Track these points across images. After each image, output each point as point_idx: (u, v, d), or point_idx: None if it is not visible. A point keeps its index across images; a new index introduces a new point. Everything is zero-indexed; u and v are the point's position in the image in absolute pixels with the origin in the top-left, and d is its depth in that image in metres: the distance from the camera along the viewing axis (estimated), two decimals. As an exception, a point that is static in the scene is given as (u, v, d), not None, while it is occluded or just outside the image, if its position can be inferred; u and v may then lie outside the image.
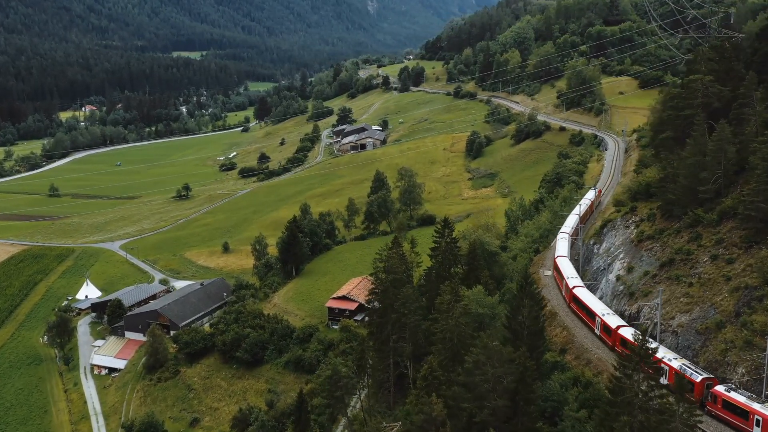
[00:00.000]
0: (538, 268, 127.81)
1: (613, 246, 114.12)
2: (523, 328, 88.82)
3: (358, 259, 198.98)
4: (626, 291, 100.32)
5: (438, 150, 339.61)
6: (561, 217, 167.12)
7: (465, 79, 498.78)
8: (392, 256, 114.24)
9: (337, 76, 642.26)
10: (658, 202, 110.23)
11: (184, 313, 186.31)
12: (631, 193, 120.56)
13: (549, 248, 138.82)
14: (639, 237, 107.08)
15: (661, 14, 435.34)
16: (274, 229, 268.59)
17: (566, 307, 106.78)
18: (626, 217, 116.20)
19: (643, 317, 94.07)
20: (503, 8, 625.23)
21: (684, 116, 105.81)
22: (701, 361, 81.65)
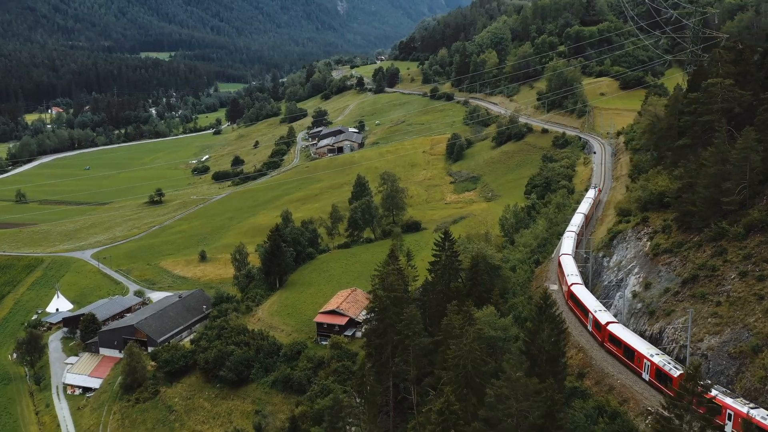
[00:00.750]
0: (542, 282, 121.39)
1: (624, 259, 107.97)
2: (542, 353, 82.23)
3: (344, 268, 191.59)
4: (645, 309, 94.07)
5: (418, 153, 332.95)
6: (555, 224, 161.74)
7: (441, 80, 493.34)
8: (391, 272, 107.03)
9: (309, 77, 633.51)
10: (672, 213, 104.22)
11: (163, 327, 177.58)
12: (640, 202, 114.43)
13: (550, 259, 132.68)
14: (654, 250, 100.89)
15: (638, 14, 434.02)
16: (252, 235, 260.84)
17: (564, 303, 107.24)
18: (637, 229, 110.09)
19: (666, 338, 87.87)
20: (477, 8, 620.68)
21: (703, 122, 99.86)
22: (738, 389, 75.44)
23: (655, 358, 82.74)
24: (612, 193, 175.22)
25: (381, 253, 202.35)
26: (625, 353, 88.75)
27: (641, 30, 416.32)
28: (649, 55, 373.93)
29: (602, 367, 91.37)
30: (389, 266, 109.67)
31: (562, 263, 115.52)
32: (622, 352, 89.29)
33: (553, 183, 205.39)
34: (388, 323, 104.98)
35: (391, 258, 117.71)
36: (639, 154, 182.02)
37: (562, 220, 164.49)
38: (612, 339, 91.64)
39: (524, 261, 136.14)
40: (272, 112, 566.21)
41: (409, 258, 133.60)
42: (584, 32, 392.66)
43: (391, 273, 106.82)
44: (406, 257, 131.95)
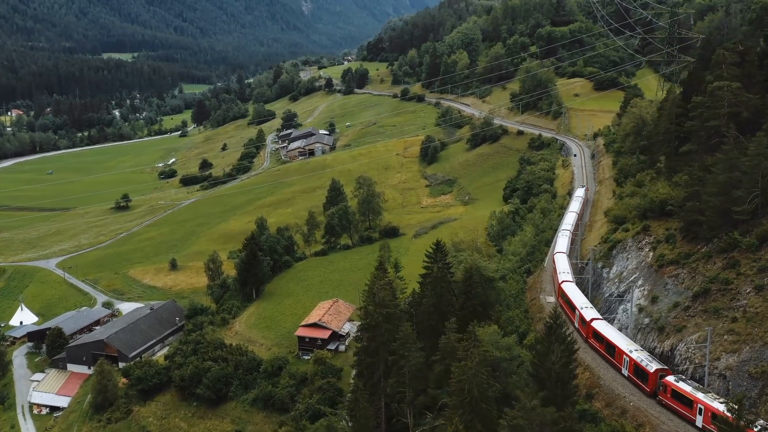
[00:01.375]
0: (536, 293, 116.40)
1: (625, 270, 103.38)
2: (551, 375, 77.10)
3: (322, 277, 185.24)
4: (654, 325, 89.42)
5: (391, 155, 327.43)
6: (542, 231, 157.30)
7: (411, 81, 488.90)
8: (382, 287, 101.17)
9: (277, 78, 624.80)
10: (676, 222, 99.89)
11: (134, 342, 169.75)
12: (639, 210, 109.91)
13: (542, 269, 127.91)
14: (659, 261, 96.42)
15: (608, 15, 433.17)
16: (224, 242, 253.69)
17: (555, 300, 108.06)
18: (638, 238, 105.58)
19: (679, 356, 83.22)
20: (445, 9, 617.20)
21: (709, 127, 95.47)
22: (762, 412, 70.81)
23: (633, 354, 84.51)
24: (597, 197, 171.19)
25: (359, 261, 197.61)
26: (606, 349, 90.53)
27: (612, 31, 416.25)
28: (621, 55, 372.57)
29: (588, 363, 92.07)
30: (380, 280, 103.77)
31: (556, 261, 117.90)
32: (604, 348, 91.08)
33: (535, 187, 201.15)
34: (380, 341, 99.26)
35: (379, 270, 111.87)
36: (624, 157, 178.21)
37: (549, 226, 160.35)
38: (595, 335, 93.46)
39: (514, 270, 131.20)
40: (239, 113, 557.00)
41: (396, 269, 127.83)
42: (556, 33, 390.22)
43: (382, 288, 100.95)
44: (393, 268, 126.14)
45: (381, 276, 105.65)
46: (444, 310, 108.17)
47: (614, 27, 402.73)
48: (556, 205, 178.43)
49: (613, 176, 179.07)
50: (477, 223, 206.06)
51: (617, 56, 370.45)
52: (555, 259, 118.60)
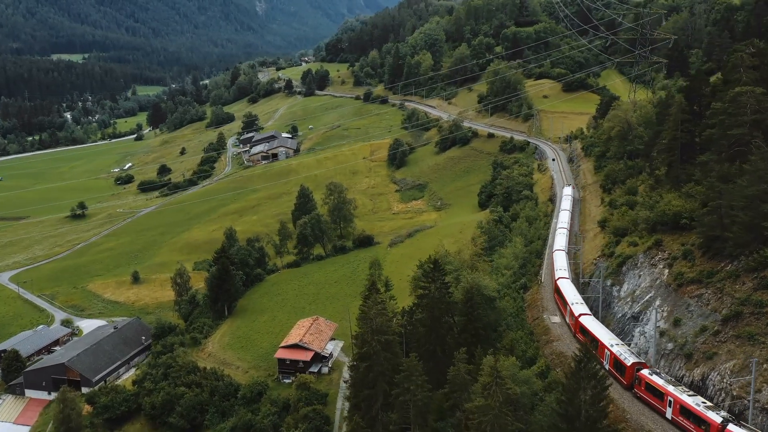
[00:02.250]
0: (539, 312, 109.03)
1: (638, 289, 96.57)
2: (581, 413, 69.70)
3: (297, 291, 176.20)
4: (679, 351, 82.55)
5: (358, 159, 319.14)
6: (531, 240, 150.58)
7: (373, 82, 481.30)
8: (379, 312, 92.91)
9: (235, 80, 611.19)
10: (693, 237, 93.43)
11: (98, 364, 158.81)
12: (648, 222, 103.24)
13: (540, 284, 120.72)
14: (678, 280, 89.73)
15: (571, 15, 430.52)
16: (188, 252, 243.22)
17: (551, 296, 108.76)
18: (650, 253, 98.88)
19: (712, 387, 76.40)
20: (405, 9, 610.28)
21: (732, 136, 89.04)
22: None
23: (614, 348, 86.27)
24: (584, 205, 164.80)
25: (334, 272, 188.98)
26: (591, 344, 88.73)
27: (575, 31, 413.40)
28: (586, 56, 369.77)
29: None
30: (375, 303, 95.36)
31: (554, 258, 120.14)
32: (589, 342, 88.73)
33: (515, 193, 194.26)
34: (378, 371, 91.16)
35: (372, 291, 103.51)
36: (609, 162, 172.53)
37: (537, 236, 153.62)
38: (582, 330, 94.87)
39: (509, 286, 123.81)
40: (197, 116, 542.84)
41: (387, 288, 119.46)
42: (521, 33, 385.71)
43: (379, 313, 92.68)
44: (384, 287, 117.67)
45: (375, 299, 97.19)
46: (442, 334, 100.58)
47: (578, 28, 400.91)
48: (540, 213, 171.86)
49: (598, 182, 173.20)
50: (454, 230, 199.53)
51: (582, 57, 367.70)
52: (554, 256, 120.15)
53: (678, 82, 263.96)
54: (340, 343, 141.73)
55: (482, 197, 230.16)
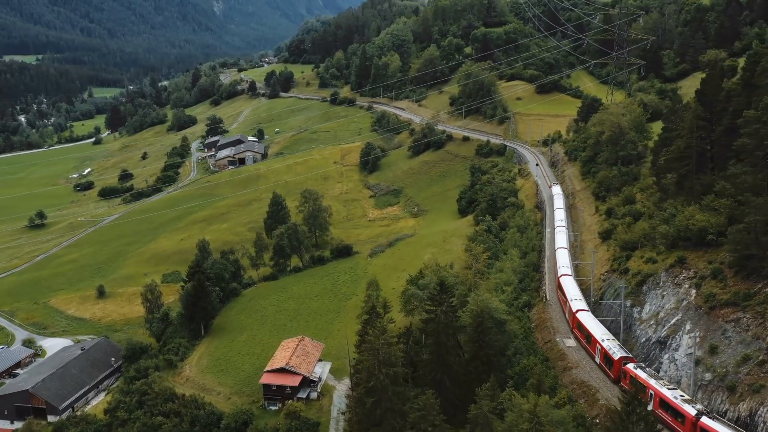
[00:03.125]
0: (549, 334, 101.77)
1: (662, 310, 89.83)
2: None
3: (276, 306, 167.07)
4: (720, 382, 75.80)
5: (328, 163, 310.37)
6: (526, 251, 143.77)
7: (339, 84, 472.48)
8: (387, 342, 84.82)
9: (196, 82, 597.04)
10: (721, 253, 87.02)
11: (64, 390, 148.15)
12: (668, 238, 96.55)
13: (546, 302, 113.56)
14: (709, 302, 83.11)
15: (537, 16, 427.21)
16: (156, 264, 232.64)
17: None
18: (673, 272, 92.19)
19: (763, 425, 69.67)
20: (369, 9, 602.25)
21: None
22: None
23: (604, 343, 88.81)
24: (575, 212, 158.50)
25: (314, 285, 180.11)
26: (585, 339, 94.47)
27: (542, 32, 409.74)
28: (555, 57, 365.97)
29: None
30: (381, 333, 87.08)
31: (557, 256, 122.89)
32: (584, 337, 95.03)
33: (499, 200, 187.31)
34: (387, 407, 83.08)
35: (372, 315, 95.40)
36: (599, 168, 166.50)
37: (531, 247, 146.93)
38: (578, 325, 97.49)
39: (510, 303, 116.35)
40: (158, 119, 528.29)
41: (386, 310, 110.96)
42: (492, 34, 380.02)
43: (386, 343, 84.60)
44: (383, 309, 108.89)
45: (381, 327, 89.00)
46: (450, 362, 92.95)
47: (551, 30, 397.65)
48: (530, 221, 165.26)
49: (589, 188, 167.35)
50: (436, 239, 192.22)
51: (552, 58, 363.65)
52: (556, 254, 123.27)
53: (655, 84, 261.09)
54: (328, 364, 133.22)
55: (462, 203, 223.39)
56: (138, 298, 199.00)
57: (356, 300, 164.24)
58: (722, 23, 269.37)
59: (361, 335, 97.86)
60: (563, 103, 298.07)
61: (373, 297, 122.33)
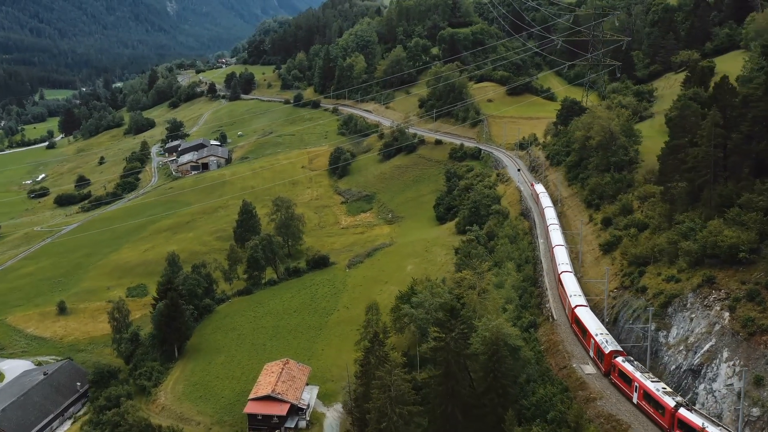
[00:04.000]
0: (564, 359, 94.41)
1: (692, 335, 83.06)
2: None
3: (253, 324, 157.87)
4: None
5: (296, 168, 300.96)
6: (522, 264, 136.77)
7: (302, 85, 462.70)
8: (399, 379, 76.72)
9: (153, 84, 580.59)
10: (755, 273, 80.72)
11: (27, 420, 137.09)
12: (693, 255, 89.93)
13: (554, 323, 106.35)
14: (748, 327, 76.55)
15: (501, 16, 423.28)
16: (119, 276, 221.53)
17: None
18: (701, 292, 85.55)
19: (826, 467, 63.11)
20: (329, 9, 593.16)
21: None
22: None
23: (597, 337, 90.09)
24: (565, 220, 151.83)
25: (291, 300, 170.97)
26: (582, 333, 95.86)
27: (507, 33, 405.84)
28: (523, 58, 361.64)
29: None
30: (393, 368, 78.86)
31: (556, 253, 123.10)
32: (581, 332, 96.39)
33: (482, 207, 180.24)
34: (402, 450, 75.03)
35: (375, 344, 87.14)
36: (590, 174, 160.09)
37: (524, 259, 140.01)
38: (576, 320, 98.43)
39: (513, 323, 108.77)
40: (114, 122, 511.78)
41: (386, 334, 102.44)
42: (459, 35, 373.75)
43: (397, 379, 76.51)
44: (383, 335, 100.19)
45: (386, 357, 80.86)
46: (460, 393, 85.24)
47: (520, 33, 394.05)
48: (519, 230, 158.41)
49: (577, 195, 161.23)
50: (417, 248, 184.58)
51: (519, 59, 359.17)
52: (554, 251, 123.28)
53: (629, 85, 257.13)
54: (315, 389, 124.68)
55: (440, 210, 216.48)
56: (102, 314, 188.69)
57: (338, 316, 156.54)
58: (693, 24, 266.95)
59: (363, 365, 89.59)
60: (535, 106, 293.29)
61: (373, 322, 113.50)
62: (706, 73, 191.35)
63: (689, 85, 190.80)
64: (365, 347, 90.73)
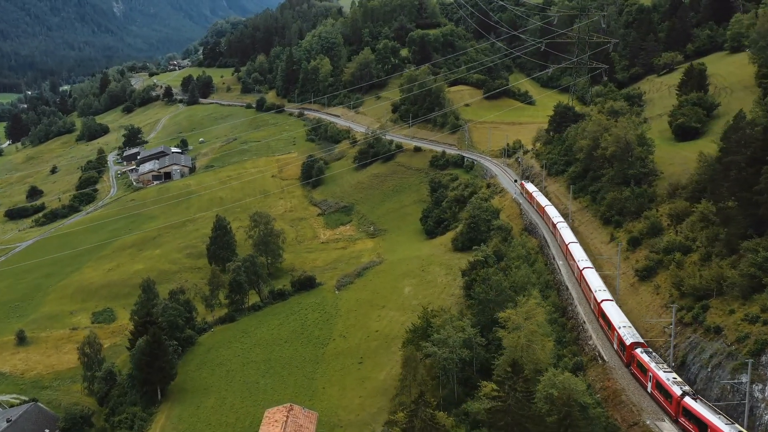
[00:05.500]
0: (631, 412, 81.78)
1: (794, 388, 71.44)
2: None
3: (242, 357, 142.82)
4: None
5: (266, 177, 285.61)
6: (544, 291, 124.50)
7: (263, 89, 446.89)
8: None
9: (105, 87, 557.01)
10: None
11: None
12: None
13: (604, 365, 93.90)
14: None
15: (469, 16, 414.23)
16: (83, 299, 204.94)
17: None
18: (797, 337, 74.03)
19: None
20: (287, 11, 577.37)
21: None
22: None
23: (620, 330, 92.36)
24: (579, 237, 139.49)
25: (280, 327, 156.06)
26: (607, 326, 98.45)
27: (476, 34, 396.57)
28: (494, 60, 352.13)
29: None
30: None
31: (572, 251, 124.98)
32: (606, 325, 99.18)
33: (482, 222, 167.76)
34: None
35: (421, 405, 73.62)
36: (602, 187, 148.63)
37: (544, 283, 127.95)
38: (602, 314, 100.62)
39: (554, 363, 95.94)
40: (65, 128, 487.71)
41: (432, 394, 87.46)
42: (429, 36, 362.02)
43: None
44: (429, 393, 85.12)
45: (437, 426, 67.39)
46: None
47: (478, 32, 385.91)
48: (529, 249, 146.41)
49: (587, 209, 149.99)
50: (412, 267, 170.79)
51: (490, 61, 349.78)
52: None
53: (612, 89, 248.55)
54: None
55: (429, 223, 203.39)
56: (67, 343, 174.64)
57: (335, 346, 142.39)
58: (673, 25, 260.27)
59: (406, 430, 75.94)
60: (515, 110, 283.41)
61: (410, 377, 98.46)
62: (703, 76, 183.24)
63: (686, 89, 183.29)
64: (409, 410, 77.11)
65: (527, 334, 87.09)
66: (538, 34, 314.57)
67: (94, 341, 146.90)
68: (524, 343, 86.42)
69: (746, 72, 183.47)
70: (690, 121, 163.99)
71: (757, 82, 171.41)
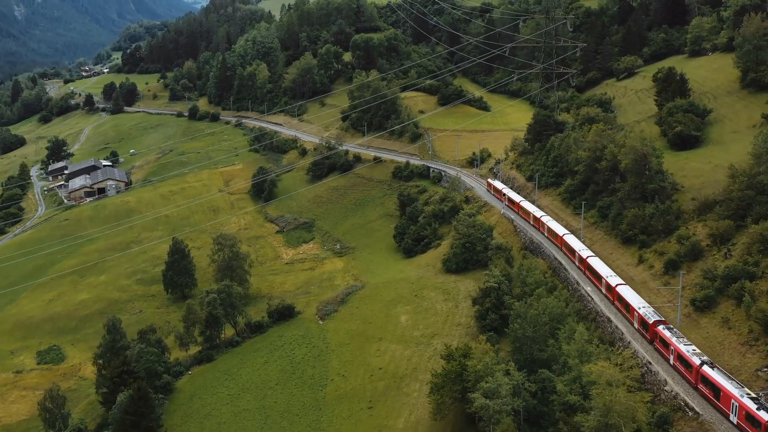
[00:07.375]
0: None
1: None
2: None
3: (231, 406, 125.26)
4: None
5: (212, 191, 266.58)
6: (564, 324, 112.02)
7: (194, 96, 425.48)
8: None
9: (17, 95, 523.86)
10: None
11: None
12: None
13: (700, 418, 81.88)
14: None
15: (409, 20, 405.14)
16: (24, 337, 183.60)
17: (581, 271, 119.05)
18: None
19: None
20: (212, 14, 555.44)
21: None
22: None
23: (641, 310, 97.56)
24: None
25: (267, 366, 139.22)
26: (625, 308, 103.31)
27: (416, 38, 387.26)
28: (438, 64, 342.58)
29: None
30: None
31: (570, 241, 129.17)
32: (623, 307, 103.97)
33: (478, 242, 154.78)
34: None
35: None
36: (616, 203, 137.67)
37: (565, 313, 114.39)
38: (619, 298, 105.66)
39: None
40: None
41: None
42: (374, 41, 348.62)
43: None
44: None
45: None
46: None
47: (418, 35, 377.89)
48: (537, 273, 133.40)
49: (598, 227, 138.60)
50: (403, 292, 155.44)
51: (434, 66, 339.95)
52: (565, 239, 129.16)
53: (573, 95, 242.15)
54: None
55: (406, 241, 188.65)
56: (12, 390, 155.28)
57: (335, 388, 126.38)
58: (629, 28, 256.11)
59: None
60: (471, 117, 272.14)
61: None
62: (684, 81, 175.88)
63: (666, 95, 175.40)
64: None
65: (622, 388, 74.04)
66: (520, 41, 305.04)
67: (57, 394, 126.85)
68: (622, 400, 73.30)
69: (723, 76, 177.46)
70: (689, 129, 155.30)
71: (742, 86, 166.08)
